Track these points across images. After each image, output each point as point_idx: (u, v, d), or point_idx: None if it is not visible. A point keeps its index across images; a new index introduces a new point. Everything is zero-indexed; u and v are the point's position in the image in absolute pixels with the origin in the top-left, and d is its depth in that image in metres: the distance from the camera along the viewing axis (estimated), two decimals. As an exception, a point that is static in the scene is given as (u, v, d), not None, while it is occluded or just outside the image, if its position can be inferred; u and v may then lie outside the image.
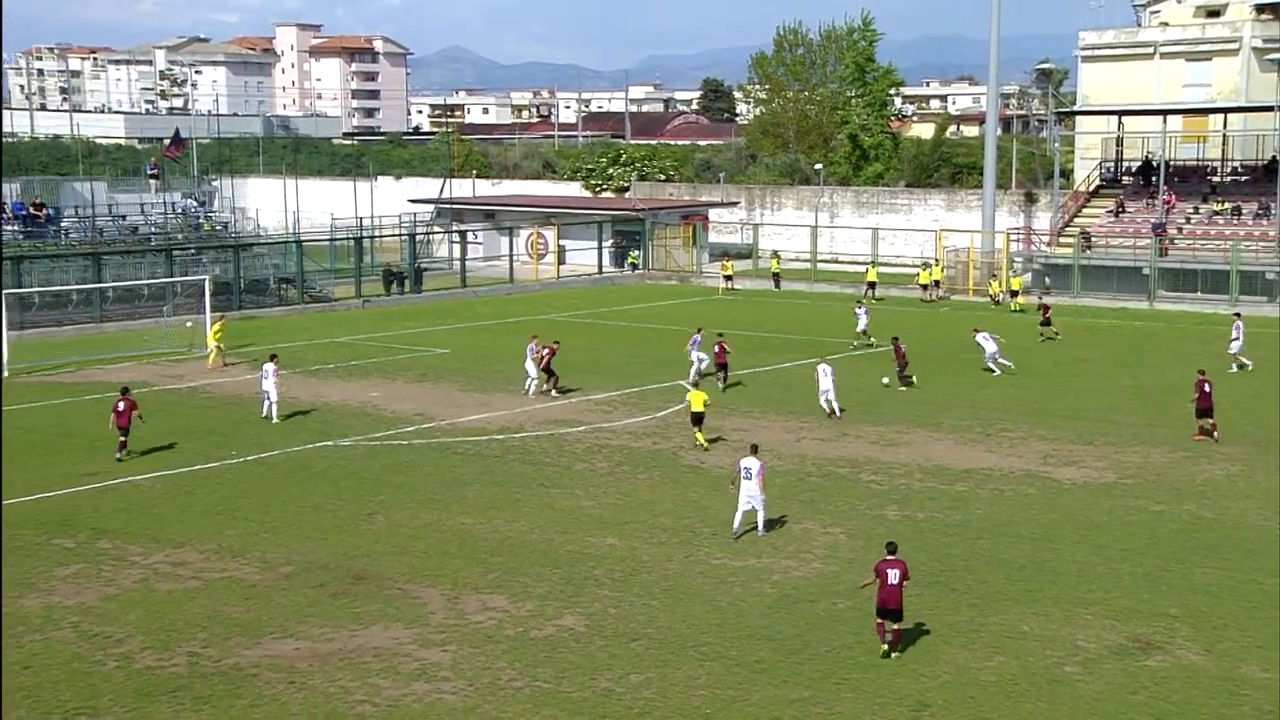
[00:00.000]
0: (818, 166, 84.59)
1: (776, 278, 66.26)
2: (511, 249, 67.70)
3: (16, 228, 57.75)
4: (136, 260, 55.63)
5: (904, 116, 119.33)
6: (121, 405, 29.98)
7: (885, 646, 19.04)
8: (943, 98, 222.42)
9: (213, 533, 24.53)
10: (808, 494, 27.67)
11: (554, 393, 37.52)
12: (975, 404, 37.31)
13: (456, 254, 68.32)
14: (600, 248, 71.33)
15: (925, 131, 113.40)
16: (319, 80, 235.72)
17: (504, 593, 21.53)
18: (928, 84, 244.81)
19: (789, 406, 36.67)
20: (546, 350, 37.88)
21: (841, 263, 73.30)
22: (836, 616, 20.60)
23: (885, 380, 39.18)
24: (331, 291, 60.13)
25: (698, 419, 31.56)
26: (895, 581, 19.11)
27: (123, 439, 29.97)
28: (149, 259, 55.75)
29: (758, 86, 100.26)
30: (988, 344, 41.93)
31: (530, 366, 37.93)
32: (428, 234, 73.06)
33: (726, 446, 31.84)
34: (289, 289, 58.69)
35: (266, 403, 34.32)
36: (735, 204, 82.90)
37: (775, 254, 69.22)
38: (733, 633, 19.96)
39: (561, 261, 70.49)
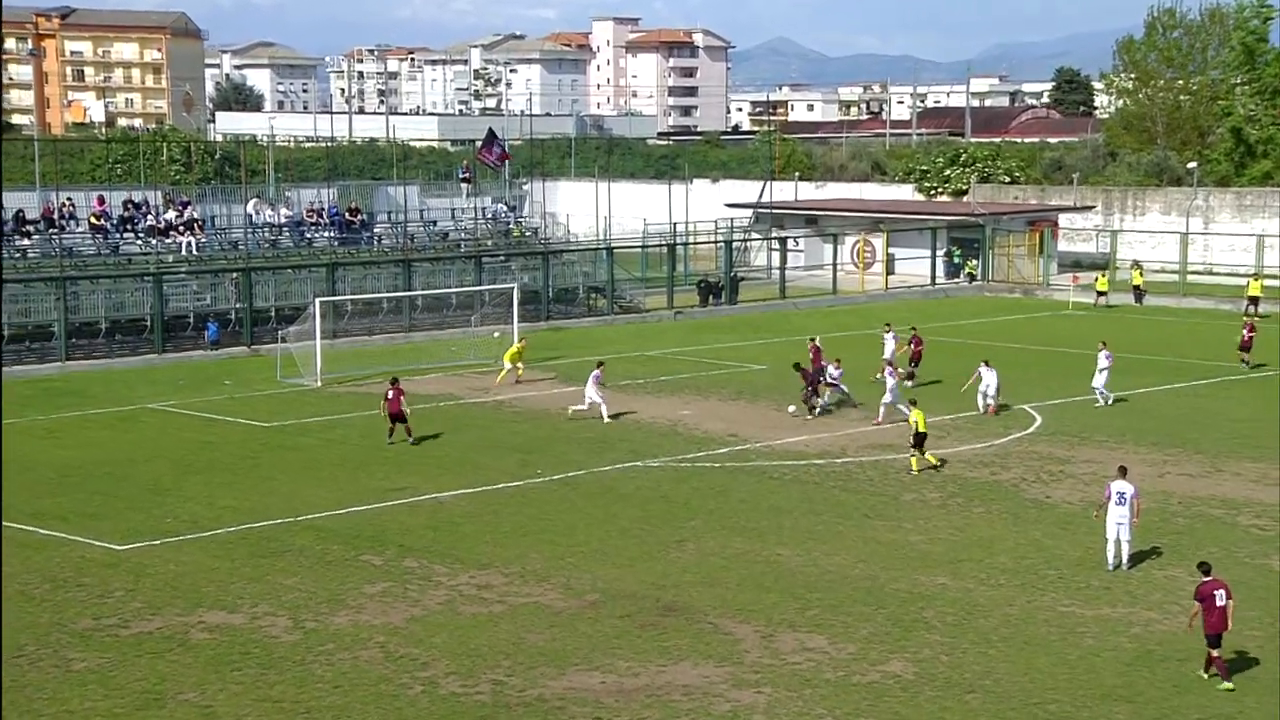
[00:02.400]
0: (1191, 165, 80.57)
1: (1138, 291, 63.51)
2: (835, 257, 67.45)
3: (332, 233, 61.56)
4: (445, 267, 58.35)
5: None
6: (391, 394, 33.96)
7: (1230, 684, 19.16)
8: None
9: (517, 555, 25.44)
10: (1174, 537, 26.42)
11: (814, 404, 37.96)
12: (1379, 440, 34.67)
13: (775, 262, 68.61)
14: (934, 256, 70.20)
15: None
16: (635, 77, 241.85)
17: (823, 632, 21.45)
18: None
19: (1150, 437, 35.14)
20: (812, 359, 38.62)
21: (1217, 275, 69.57)
22: (1210, 679, 19.53)
23: (792, 409, 37.74)
24: (643, 302, 61.44)
25: (920, 440, 31.28)
26: (1223, 603, 19.20)
27: (405, 425, 33.92)
28: (458, 266, 58.38)
29: (1123, 75, 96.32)
30: (1103, 363, 38.96)
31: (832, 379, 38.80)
32: (745, 241, 73.70)
33: (1075, 481, 30.77)
34: (598, 299, 60.31)
35: (599, 406, 37.11)
36: (1090, 208, 79.99)
37: (1136, 264, 66.37)
38: (1084, 691, 19.24)
39: (890, 271, 69.74)
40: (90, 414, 38.68)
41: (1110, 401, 39.01)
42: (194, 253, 56.82)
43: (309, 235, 61.49)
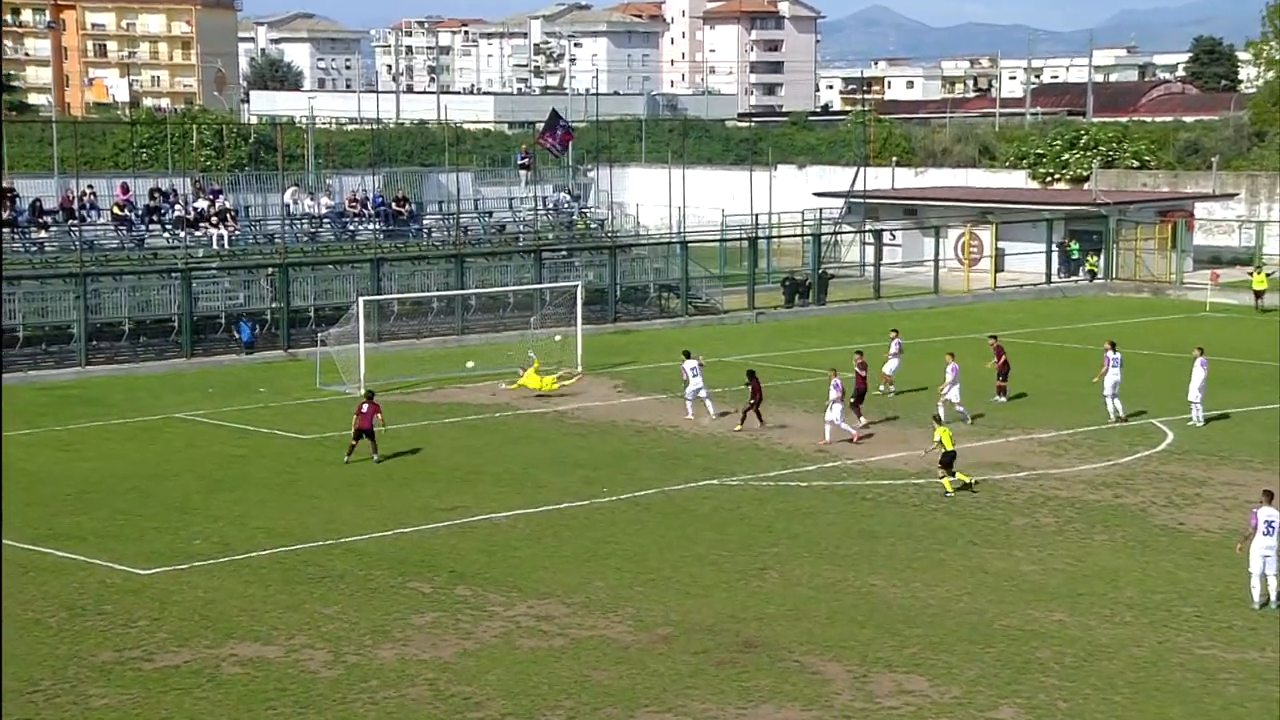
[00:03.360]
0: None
1: None
2: (937, 252, 67.12)
3: (377, 225, 62.08)
4: (502, 263, 58.68)
5: None
6: (365, 408, 34.24)
7: None
8: None
9: (580, 583, 25.53)
10: (1323, 571, 25.99)
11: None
12: None
13: (869, 258, 68.36)
14: (1049, 251, 69.69)
15: None
16: (713, 51, 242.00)
17: (923, 673, 21.37)
18: None
19: (1298, 456, 34.64)
20: (856, 376, 38.14)
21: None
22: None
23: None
24: (720, 302, 61.46)
25: (949, 459, 31.28)
26: None
27: (355, 443, 34.07)
28: (516, 262, 58.68)
29: (1273, 44, 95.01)
30: (1198, 375, 37.81)
31: (953, 392, 38.39)
32: (835, 234, 73.54)
33: (1213, 506, 30.38)
34: (671, 298, 60.40)
35: (705, 403, 38.30)
36: (1232, 196, 79.07)
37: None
38: (1219, 745, 19.00)
39: (999, 268, 69.36)
40: (111, 424, 39.23)
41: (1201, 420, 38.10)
42: (226, 246, 57.49)
43: (352, 227, 62.04)
